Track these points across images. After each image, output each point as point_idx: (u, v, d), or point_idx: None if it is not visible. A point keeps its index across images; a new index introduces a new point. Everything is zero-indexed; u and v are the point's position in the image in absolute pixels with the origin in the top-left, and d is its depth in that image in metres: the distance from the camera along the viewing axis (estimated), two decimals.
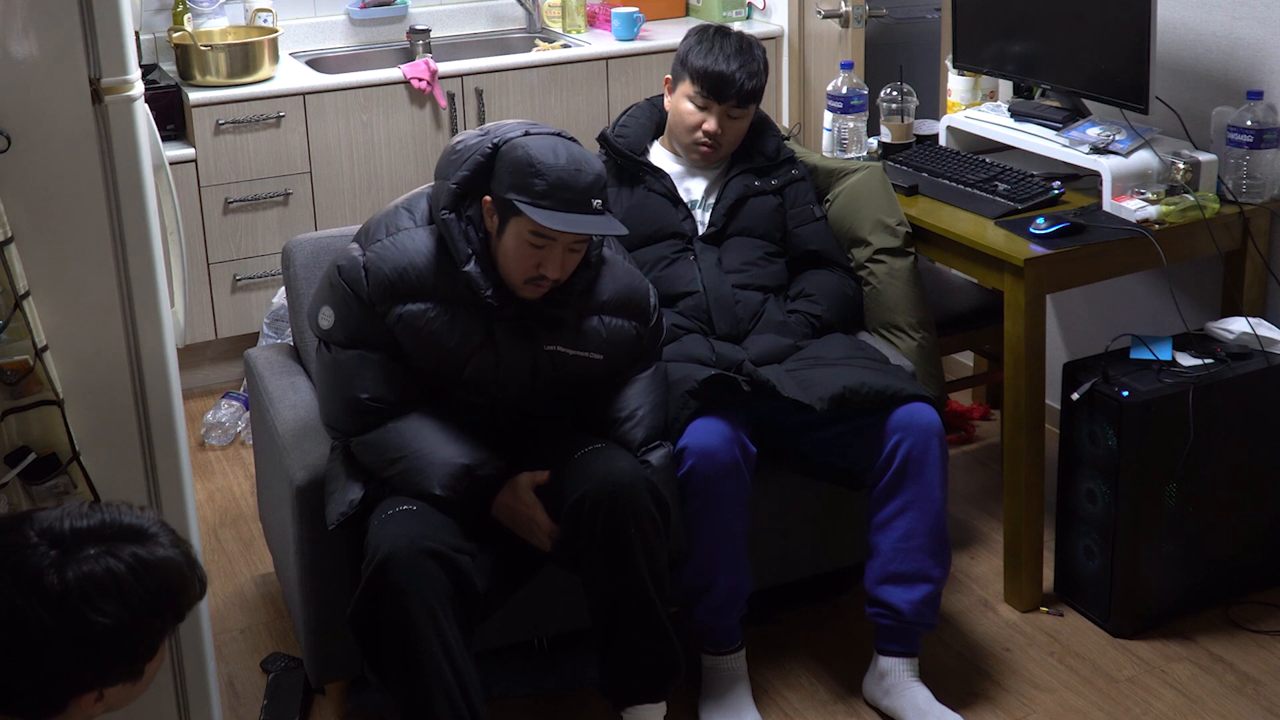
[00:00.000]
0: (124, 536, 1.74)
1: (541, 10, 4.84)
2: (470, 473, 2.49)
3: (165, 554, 1.76)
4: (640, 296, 2.67)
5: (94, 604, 1.69)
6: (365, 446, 2.54)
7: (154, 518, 1.81)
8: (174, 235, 2.53)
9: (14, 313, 2.06)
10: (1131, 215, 3.03)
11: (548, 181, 2.40)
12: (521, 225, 2.43)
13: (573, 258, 2.49)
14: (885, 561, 2.74)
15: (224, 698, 2.82)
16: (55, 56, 2.07)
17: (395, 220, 2.57)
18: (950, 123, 3.52)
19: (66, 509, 1.76)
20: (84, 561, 1.70)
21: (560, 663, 2.89)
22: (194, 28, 4.25)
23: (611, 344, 2.63)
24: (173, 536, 1.80)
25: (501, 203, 2.45)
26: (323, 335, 2.58)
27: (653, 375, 2.71)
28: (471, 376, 2.56)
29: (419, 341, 2.52)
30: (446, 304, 2.52)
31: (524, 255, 2.45)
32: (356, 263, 2.52)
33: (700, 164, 3.05)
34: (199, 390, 4.24)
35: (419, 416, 2.54)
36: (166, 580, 1.75)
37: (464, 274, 2.48)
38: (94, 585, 1.69)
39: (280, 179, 4.15)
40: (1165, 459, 2.91)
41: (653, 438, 2.64)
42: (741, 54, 2.96)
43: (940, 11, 4.24)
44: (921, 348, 3.08)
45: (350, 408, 2.54)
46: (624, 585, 2.49)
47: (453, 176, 2.51)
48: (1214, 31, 3.26)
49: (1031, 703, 2.83)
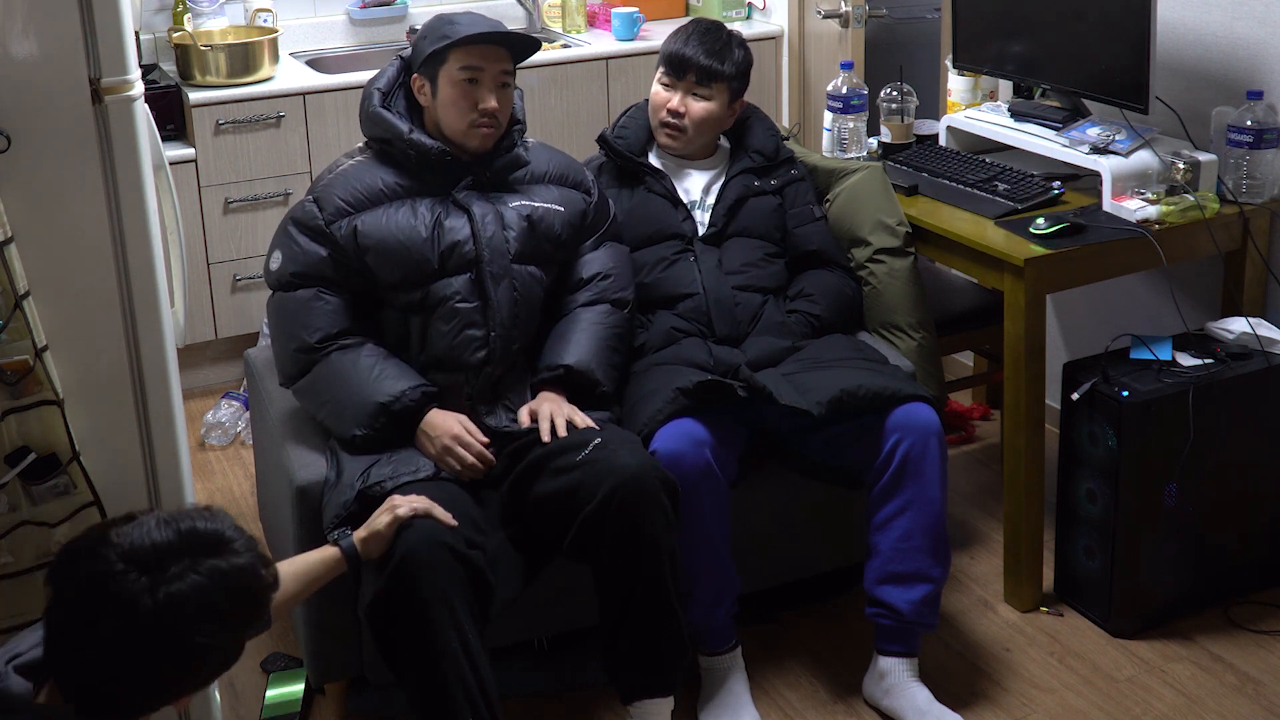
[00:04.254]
0: (203, 548, 1.75)
1: (541, 10, 4.84)
2: (386, 410, 2.61)
3: (240, 561, 1.77)
4: (576, 168, 2.91)
5: (192, 624, 1.71)
6: (300, 393, 2.72)
7: (225, 519, 1.81)
8: (174, 235, 2.54)
9: (14, 313, 2.06)
10: (1131, 215, 3.03)
11: (459, 22, 2.68)
12: (450, 69, 2.67)
13: (504, 94, 2.71)
14: (885, 561, 2.74)
15: (224, 698, 2.82)
16: (55, 56, 2.08)
17: (334, 165, 2.79)
18: (950, 123, 3.52)
19: (142, 524, 1.76)
20: (172, 581, 1.71)
21: (560, 663, 2.89)
22: (194, 28, 4.25)
23: (565, 201, 2.83)
24: (245, 539, 1.81)
25: (427, 62, 2.69)
26: (272, 281, 2.74)
27: (610, 246, 2.91)
28: (450, 251, 2.66)
29: (384, 238, 2.66)
30: (402, 197, 2.70)
31: (460, 97, 2.67)
32: (306, 204, 2.72)
33: (669, 149, 3.07)
34: (199, 390, 4.24)
35: (352, 353, 2.65)
36: (246, 586, 1.78)
37: (411, 140, 2.67)
38: (188, 606, 1.71)
39: (280, 179, 4.15)
40: (1165, 459, 2.91)
41: (624, 300, 2.86)
42: (706, 35, 3.04)
43: (940, 11, 4.24)
44: (921, 348, 3.08)
45: (294, 350, 2.67)
46: (638, 576, 2.50)
47: (372, 87, 2.75)
48: (1214, 31, 3.26)
49: (1031, 703, 2.83)
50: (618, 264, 2.89)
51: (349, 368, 2.64)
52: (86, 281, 2.18)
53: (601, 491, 2.47)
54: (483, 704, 2.38)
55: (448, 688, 2.36)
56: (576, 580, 2.65)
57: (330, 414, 2.65)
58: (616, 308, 2.84)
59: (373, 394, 2.61)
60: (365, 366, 2.64)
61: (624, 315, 2.86)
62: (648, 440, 2.66)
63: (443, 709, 2.37)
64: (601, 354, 2.77)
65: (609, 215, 2.93)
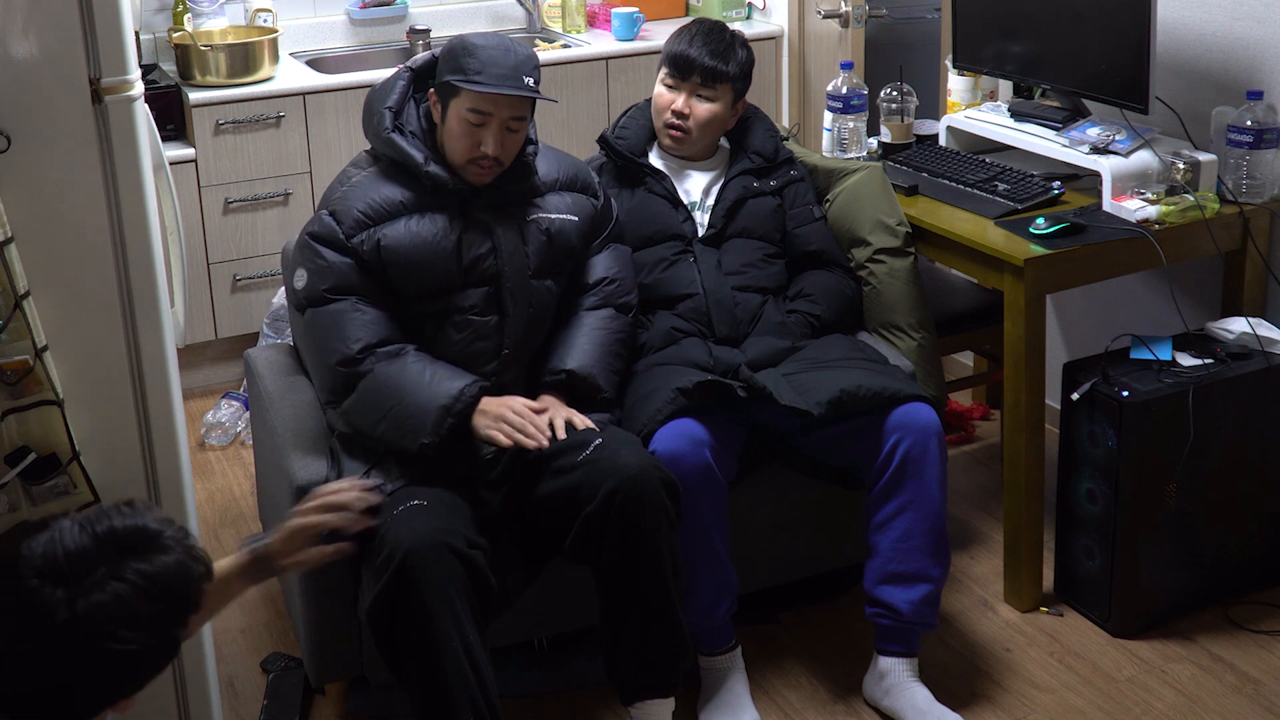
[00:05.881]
0: (125, 549, 1.68)
1: (541, 10, 4.84)
2: (448, 412, 2.56)
3: (168, 560, 1.70)
4: (583, 170, 2.88)
5: (114, 634, 1.64)
6: (351, 413, 2.62)
7: (147, 513, 1.74)
8: (174, 235, 2.53)
9: (14, 313, 2.06)
10: (1131, 215, 3.03)
11: (479, 59, 2.60)
12: (460, 104, 2.61)
13: (511, 138, 2.64)
14: (885, 561, 2.74)
15: (224, 698, 2.81)
16: (55, 56, 2.08)
17: (344, 178, 2.73)
18: (950, 123, 3.52)
19: (54, 530, 1.67)
20: (91, 591, 1.63)
21: (560, 663, 2.89)
22: (194, 28, 4.25)
23: (578, 209, 2.81)
24: (173, 530, 1.74)
25: (441, 87, 2.65)
26: (299, 299, 2.67)
27: (614, 248, 2.89)
28: (473, 265, 2.65)
29: (409, 252, 2.62)
30: (421, 210, 2.66)
31: (465, 134, 2.62)
32: (324, 218, 2.66)
33: (673, 150, 3.06)
34: (199, 390, 4.24)
35: (398, 362, 2.59)
36: (176, 586, 1.70)
37: (427, 173, 2.63)
38: (108, 616, 1.63)
39: (280, 179, 4.15)
40: (1165, 459, 2.91)
41: (629, 305, 2.85)
42: (710, 35, 3.02)
43: (940, 11, 4.24)
44: (921, 348, 3.08)
45: (336, 364, 2.61)
46: (638, 576, 2.50)
47: (381, 105, 2.69)
48: (1214, 31, 3.26)
49: (1031, 703, 2.83)
50: (623, 268, 2.88)
51: (398, 377, 2.57)
52: (86, 281, 2.18)
53: (602, 492, 2.47)
54: (483, 704, 2.38)
55: (448, 688, 2.36)
56: (576, 580, 2.65)
57: (391, 428, 2.57)
58: (621, 312, 2.84)
59: (431, 398, 2.55)
60: (415, 372, 2.58)
61: (627, 320, 2.85)
62: (647, 440, 2.66)
63: (443, 709, 2.37)
64: (604, 359, 2.76)
65: (613, 216, 2.92)
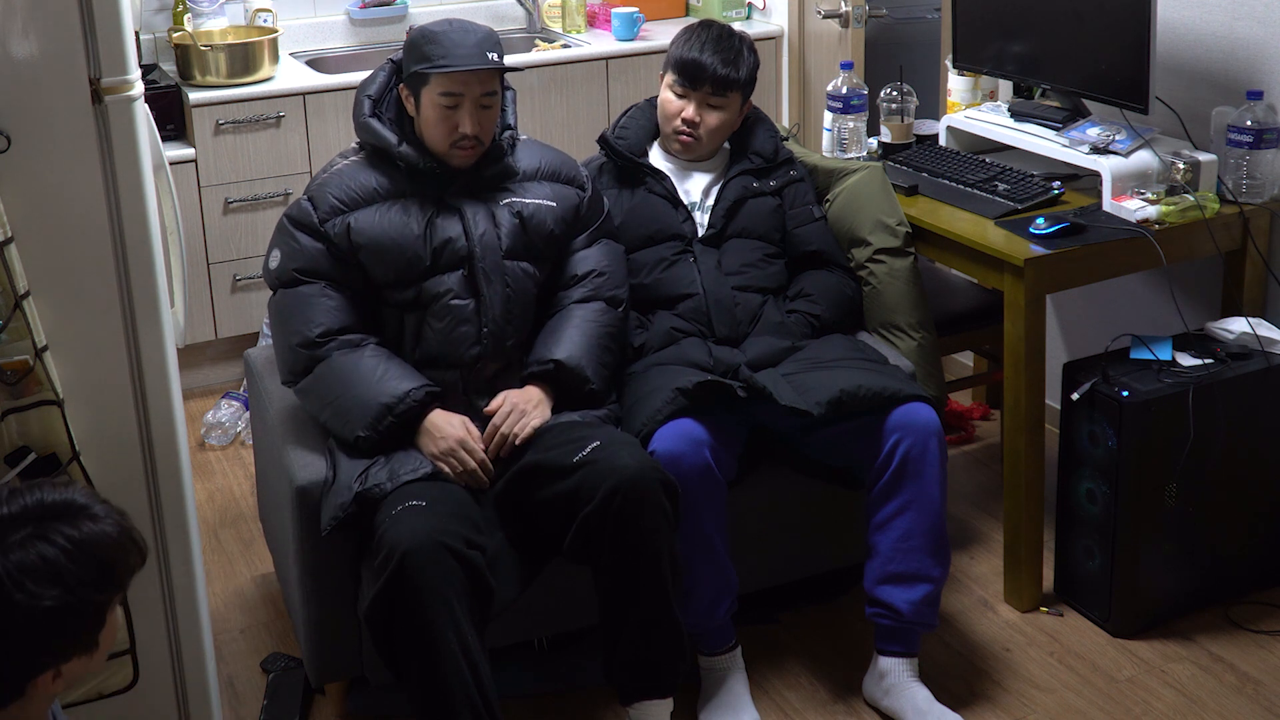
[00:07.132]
0: (53, 516, 1.71)
1: (541, 10, 4.84)
2: (390, 411, 2.61)
3: (97, 529, 1.73)
4: (568, 163, 2.90)
5: (33, 591, 1.66)
6: (302, 393, 2.71)
7: (82, 490, 1.77)
8: (174, 235, 2.53)
9: (14, 313, 2.06)
10: (1131, 215, 3.03)
11: (443, 45, 2.66)
12: (432, 91, 2.67)
13: (486, 115, 2.70)
14: (884, 561, 2.74)
15: (224, 698, 2.82)
16: (55, 56, 2.08)
17: (329, 165, 2.81)
18: (950, 123, 3.52)
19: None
20: (14, 549, 1.67)
21: (560, 663, 2.89)
22: (194, 28, 4.25)
23: (558, 196, 2.83)
24: (107, 508, 1.77)
25: (411, 79, 2.71)
26: (273, 279, 2.75)
27: (604, 243, 2.90)
28: (442, 249, 2.68)
29: (377, 235, 2.68)
30: (395, 197, 2.72)
31: (441, 119, 2.67)
32: (302, 203, 2.74)
33: (681, 155, 3.06)
34: (199, 390, 4.24)
35: (355, 353, 2.66)
36: (103, 554, 1.73)
37: (400, 154, 2.69)
38: (30, 572, 1.67)
39: (280, 179, 4.15)
40: (1165, 459, 2.91)
41: (619, 299, 2.85)
42: (720, 42, 2.99)
43: (940, 11, 4.24)
44: (921, 348, 3.08)
45: (296, 344, 2.68)
46: (638, 577, 2.50)
47: (363, 94, 2.76)
48: (1214, 31, 3.26)
49: (1031, 703, 2.83)
50: (612, 262, 2.89)
51: (352, 368, 2.64)
52: (86, 281, 2.18)
53: (601, 492, 2.47)
54: (482, 704, 2.38)
55: (447, 688, 2.36)
56: (576, 580, 2.65)
57: (333, 415, 2.65)
58: (611, 306, 2.84)
59: (376, 395, 2.61)
60: (369, 367, 2.64)
61: (618, 314, 2.86)
62: (647, 440, 2.66)
63: (442, 709, 2.37)
64: (593, 352, 2.77)
65: (603, 211, 2.93)
